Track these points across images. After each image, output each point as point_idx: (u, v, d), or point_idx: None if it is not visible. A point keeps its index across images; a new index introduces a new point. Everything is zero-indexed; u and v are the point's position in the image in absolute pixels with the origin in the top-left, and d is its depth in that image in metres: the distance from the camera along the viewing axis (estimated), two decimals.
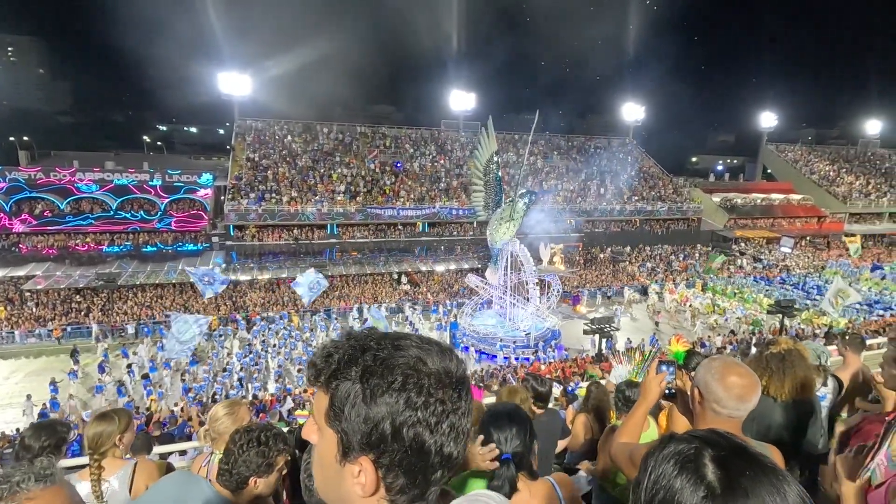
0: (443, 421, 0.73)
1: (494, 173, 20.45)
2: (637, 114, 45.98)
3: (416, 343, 0.77)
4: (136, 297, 24.21)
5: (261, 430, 1.92)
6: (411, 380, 0.71)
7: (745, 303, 26.29)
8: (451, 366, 0.77)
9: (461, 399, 0.76)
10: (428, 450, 0.72)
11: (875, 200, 43.24)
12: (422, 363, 0.74)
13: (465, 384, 0.79)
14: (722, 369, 1.55)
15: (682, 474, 0.70)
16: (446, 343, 0.82)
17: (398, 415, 0.70)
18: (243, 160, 31.78)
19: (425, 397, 0.71)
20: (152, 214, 27.38)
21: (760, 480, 0.67)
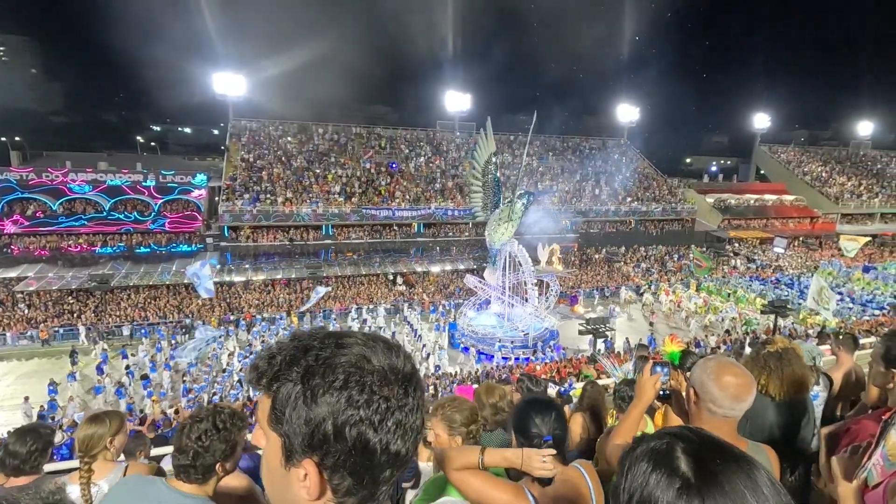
0: (387, 419, 0.71)
1: (493, 174, 20.51)
2: (632, 115, 46.18)
3: (360, 341, 0.76)
4: (130, 298, 24.05)
5: (213, 414, 1.86)
6: (353, 378, 0.70)
7: (739, 303, 26.47)
8: (398, 362, 0.76)
9: (408, 396, 0.75)
10: (373, 448, 0.70)
11: (867, 201, 43.63)
12: (365, 361, 0.73)
13: (414, 380, 0.77)
14: (717, 369, 1.55)
15: (656, 469, 0.71)
16: (394, 340, 0.81)
17: (340, 414, 0.68)
18: (238, 161, 31.66)
19: (368, 395, 0.70)
20: (146, 215, 27.20)
21: (732, 468, 0.68)
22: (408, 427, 0.74)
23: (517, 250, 20.18)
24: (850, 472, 1.42)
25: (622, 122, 46.40)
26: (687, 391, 1.68)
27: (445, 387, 16.50)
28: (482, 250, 31.64)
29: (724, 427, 1.52)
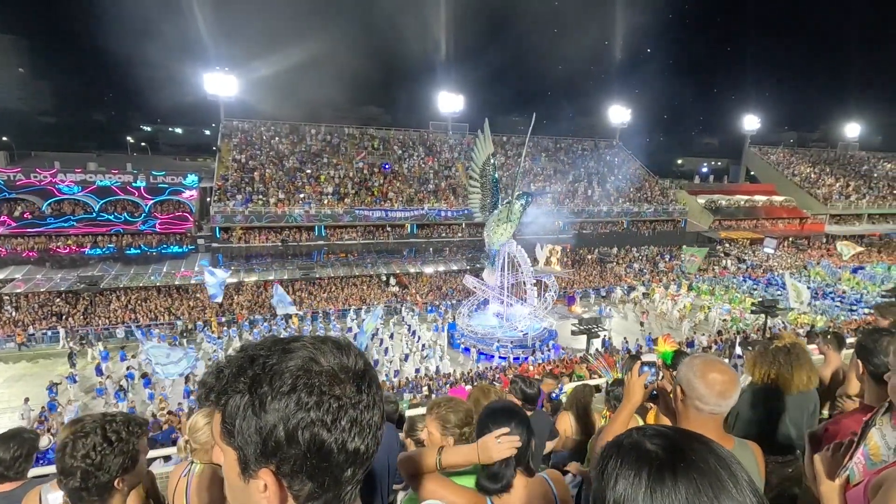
0: (341, 417, 0.70)
1: (491, 175, 20.57)
2: (623, 116, 46.48)
3: (308, 343, 0.75)
4: (120, 300, 23.82)
5: (102, 425, 1.66)
6: (301, 381, 0.69)
7: (732, 302, 26.73)
8: (349, 361, 0.76)
9: (361, 393, 0.74)
10: (329, 449, 0.69)
11: (855, 202, 44.19)
12: (313, 363, 0.72)
13: (367, 377, 0.77)
14: (703, 367, 1.57)
15: (625, 461, 0.71)
16: (345, 339, 0.81)
17: (290, 418, 0.67)
18: (229, 161, 31.47)
19: (317, 396, 0.69)
20: (136, 216, 26.95)
21: (701, 448, 0.70)
22: (364, 424, 0.73)
23: (516, 251, 20.31)
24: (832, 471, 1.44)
25: (614, 123, 46.69)
26: (674, 389, 1.70)
27: (438, 388, 16.52)
28: (475, 251, 31.73)
29: (711, 424, 1.54)
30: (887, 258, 37.71)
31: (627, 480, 0.68)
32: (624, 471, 0.70)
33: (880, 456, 1.30)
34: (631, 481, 0.68)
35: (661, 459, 0.68)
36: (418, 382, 17.31)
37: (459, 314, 22.76)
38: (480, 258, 30.68)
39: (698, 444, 0.72)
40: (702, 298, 27.78)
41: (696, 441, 0.73)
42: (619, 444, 0.75)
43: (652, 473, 0.67)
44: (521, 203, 19.73)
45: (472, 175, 21.58)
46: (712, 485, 0.65)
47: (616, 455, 0.73)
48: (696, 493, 0.64)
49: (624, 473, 0.69)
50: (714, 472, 0.66)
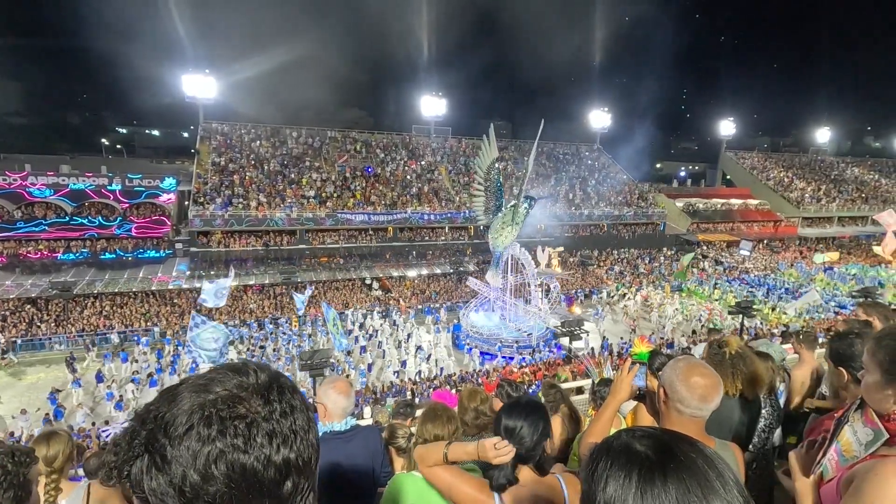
0: (254, 435, 0.66)
1: (495, 179, 20.96)
2: (604, 121, 47.17)
3: (195, 380, 0.72)
4: (94, 306, 23.16)
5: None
6: (196, 416, 0.65)
7: (718, 303, 27.32)
8: (248, 379, 0.72)
9: (271, 403, 0.71)
10: (254, 469, 0.65)
11: (825, 205, 45.59)
12: (206, 394, 0.68)
13: (273, 387, 0.73)
14: (686, 370, 1.59)
15: (615, 463, 0.72)
16: (245, 361, 0.78)
17: (197, 458, 0.63)
18: (209, 164, 30.95)
19: (219, 424, 0.65)
20: (111, 220, 26.28)
21: (689, 449, 0.71)
22: (285, 432, 0.69)
23: (520, 253, 20.88)
24: (807, 468, 1.47)
25: (595, 128, 47.34)
26: (657, 391, 1.72)
27: (422, 391, 16.46)
28: (459, 254, 31.78)
29: (692, 427, 1.56)
30: (856, 259, 38.97)
31: (618, 482, 0.69)
32: (614, 472, 0.70)
33: (852, 452, 1.34)
34: (621, 483, 0.69)
35: (651, 460, 0.69)
36: (402, 387, 17.22)
37: (464, 315, 23.07)
38: (464, 261, 30.77)
39: (686, 445, 0.73)
40: (690, 299, 28.37)
41: (684, 442, 0.74)
42: (608, 445, 0.76)
43: (642, 474, 0.68)
44: (526, 206, 20.21)
45: (476, 179, 21.93)
46: (701, 485, 0.66)
47: (606, 457, 0.73)
48: (685, 493, 0.65)
49: (614, 475, 0.70)
50: (703, 473, 0.67)
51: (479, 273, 30.29)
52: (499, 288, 22.48)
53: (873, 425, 1.28)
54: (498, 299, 22.93)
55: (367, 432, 2.61)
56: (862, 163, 57.40)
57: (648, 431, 0.77)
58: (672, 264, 35.87)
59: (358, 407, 13.44)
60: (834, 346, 2.14)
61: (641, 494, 0.66)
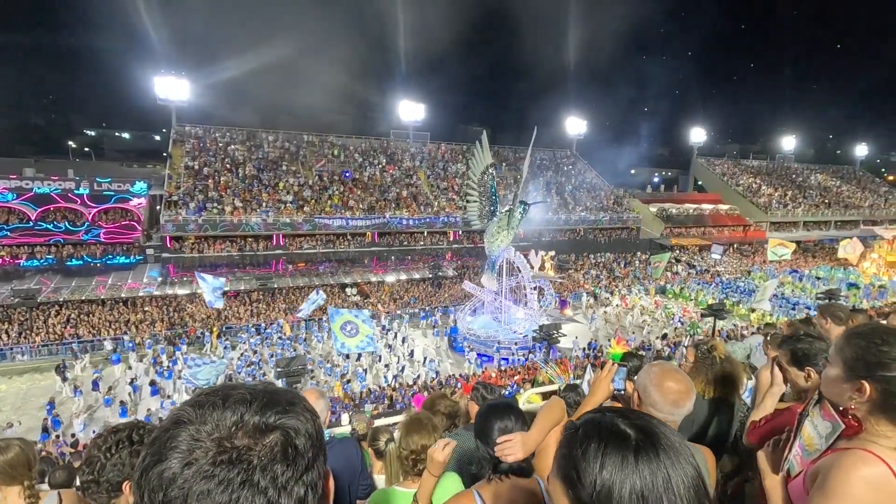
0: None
1: (490, 185, 21.28)
2: (580, 128, 47.96)
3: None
4: (59, 314, 22.30)
5: (131, 428, 1.73)
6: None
7: (698, 305, 27.98)
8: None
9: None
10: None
11: (791, 210, 47.26)
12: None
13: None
14: (660, 375, 1.63)
15: (609, 442, 0.76)
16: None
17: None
18: (181, 168, 30.26)
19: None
20: (78, 225, 25.42)
21: (657, 425, 0.79)
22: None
23: (515, 257, 21.30)
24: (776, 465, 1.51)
25: (571, 134, 48.09)
26: (632, 394, 1.75)
27: (401, 398, 16.36)
28: (438, 259, 31.77)
29: None
30: (821, 262, 40.46)
31: (615, 464, 0.73)
32: (610, 454, 0.74)
33: (814, 445, 1.38)
34: (620, 465, 0.73)
35: (639, 440, 0.75)
36: (381, 392, 17.08)
37: (460, 318, 23.33)
38: (442, 266, 30.76)
39: (657, 422, 0.80)
40: (671, 301, 29.05)
41: (653, 419, 0.81)
42: (597, 427, 0.79)
43: (639, 454, 0.73)
44: (520, 211, 20.58)
45: (470, 184, 22.17)
46: (679, 454, 0.74)
47: (598, 438, 0.77)
48: (672, 465, 0.73)
49: (610, 457, 0.74)
50: (678, 445, 0.76)
51: (458, 278, 30.40)
52: (494, 291, 22.97)
53: (830, 418, 1.33)
54: (492, 302, 23.41)
55: (343, 445, 2.58)
56: (825, 170, 59.75)
57: (621, 411, 0.83)
58: (647, 268, 36.61)
59: (335, 414, 13.27)
60: (795, 348, 2.18)
61: (639, 472, 0.72)
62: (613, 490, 0.72)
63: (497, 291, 22.98)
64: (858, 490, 1.15)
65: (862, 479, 1.16)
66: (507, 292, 23.14)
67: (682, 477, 0.72)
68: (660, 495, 0.70)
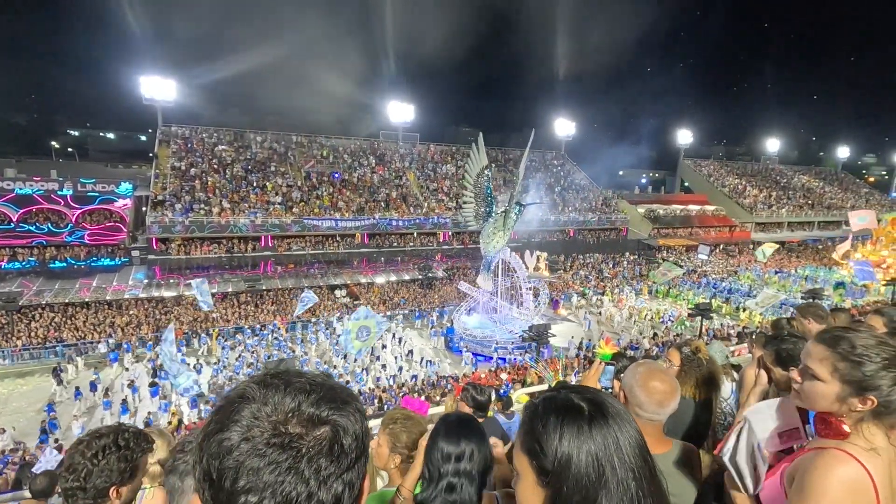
0: None
1: (485, 186, 21.44)
2: (568, 129, 48.24)
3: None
4: (43, 317, 21.87)
5: (116, 432, 1.72)
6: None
7: (689, 304, 28.27)
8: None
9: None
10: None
11: (776, 211, 48.00)
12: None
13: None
14: (645, 375, 1.64)
15: (566, 416, 0.86)
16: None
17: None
18: (168, 169, 29.88)
19: None
20: (61, 227, 24.96)
21: (606, 399, 0.91)
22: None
23: (510, 257, 21.54)
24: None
25: (560, 136, 48.35)
26: (619, 393, 1.76)
27: (391, 398, 16.31)
28: (427, 260, 31.73)
29: (649, 429, 1.60)
30: (805, 262, 41.14)
31: (572, 434, 0.84)
32: (567, 425, 0.85)
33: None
34: (576, 434, 0.84)
35: (591, 411, 0.86)
36: (370, 394, 17.00)
37: (457, 318, 23.46)
38: (432, 268, 30.73)
39: (604, 394, 0.93)
40: (660, 300, 29.33)
41: (600, 392, 0.95)
42: (553, 403, 0.90)
43: (592, 423, 0.85)
44: (515, 212, 20.84)
45: (466, 186, 22.29)
46: (624, 420, 0.87)
47: (555, 413, 0.88)
48: (620, 429, 0.85)
49: (568, 428, 0.85)
50: (623, 413, 0.89)
51: (448, 279, 30.41)
52: (489, 291, 23.17)
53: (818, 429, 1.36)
54: (488, 302, 23.59)
55: None
56: (808, 171, 60.81)
57: (574, 387, 0.95)
58: (635, 268, 36.94)
59: None
60: (779, 349, 2.20)
61: (593, 438, 0.83)
62: (572, 456, 0.82)
63: (493, 292, 23.19)
64: (835, 490, 1.16)
65: (838, 479, 1.17)
66: (503, 293, 23.31)
67: (627, 439, 0.85)
68: (611, 456, 0.82)
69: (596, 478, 0.81)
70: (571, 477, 0.82)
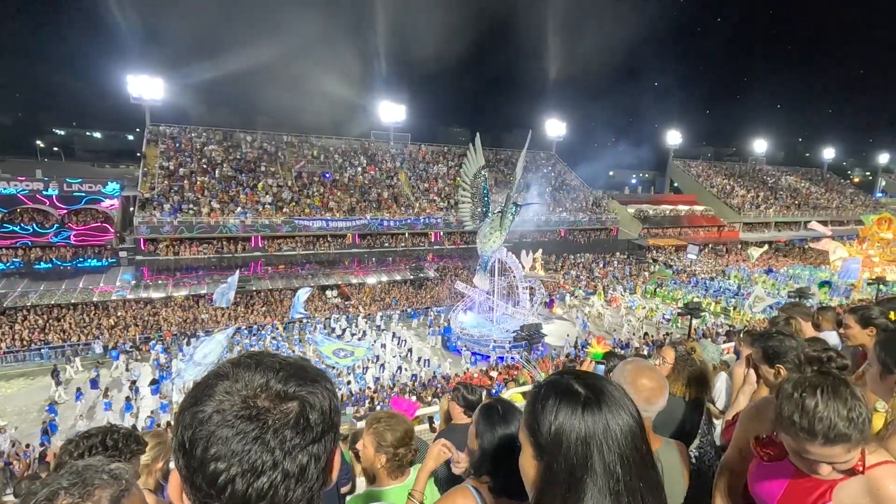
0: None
1: (482, 186, 21.57)
2: (559, 130, 48.44)
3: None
4: (27, 319, 21.51)
5: (105, 433, 1.70)
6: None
7: (683, 302, 28.54)
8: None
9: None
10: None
11: (763, 211, 48.60)
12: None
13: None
14: (633, 372, 1.65)
15: (562, 398, 0.93)
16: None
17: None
18: (156, 169, 29.54)
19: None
20: (47, 227, 24.58)
21: (605, 384, 0.97)
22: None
23: (507, 257, 21.62)
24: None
25: (551, 136, 48.51)
26: None
27: (383, 399, 16.27)
28: (418, 260, 31.70)
29: None
30: (791, 261, 41.70)
31: (565, 415, 0.91)
32: (562, 407, 0.92)
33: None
34: (569, 415, 0.91)
35: (587, 396, 0.93)
36: (361, 395, 16.95)
37: (453, 317, 23.53)
38: (424, 268, 30.71)
39: (606, 382, 0.99)
40: (650, 300, 29.55)
41: (604, 380, 1.00)
42: (554, 385, 0.98)
43: (585, 407, 0.91)
44: (512, 212, 20.96)
45: (463, 186, 22.39)
46: (620, 408, 0.93)
47: (554, 394, 0.95)
48: (613, 416, 0.91)
49: (562, 410, 0.92)
50: (620, 401, 0.94)
51: (439, 279, 30.40)
52: (486, 291, 23.29)
53: None
54: (484, 301, 23.70)
55: None
56: (795, 172, 61.66)
57: (577, 373, 1.01)
58: (625, 268, 37.20)
59: None
60: (766, 346, 2.24)
61: (584, 421, 0.90)
62: (562, 435, 0.90)
63: (489, 291, 23.33)
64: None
65: None
66: (499, 292, 23.44)
67: (619, 425, 0.90)
68: (599, 439, 0.89)
69: (582, 458, 0.89)
70: (561, 454, 0.90)
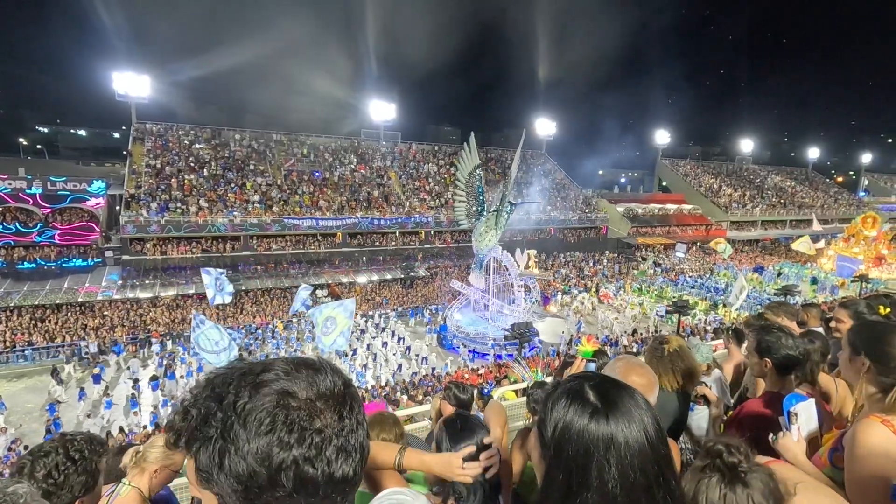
0: (325, 449, 0.67)
1: (477, 185, 21.72)
2: (549, 129, 48.62)
3: (281, 374, 0.71)
4: (10, 320, 21.12)
5: (64, 444, 1.62)
6: (279, 420, 0.65)
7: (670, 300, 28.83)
8: (326, 385, 0.73)
9: (343, 419, 0.71)
10: (315, 482, 0.66)
11: (750, 210, 49.24)
12: (289, 397, 0.68)
13: (347, 400, 0.74)
14: (624, 369, 1.65)
15: (573, 403, 0.93)
16: (321, 360, 0.78)
17: (271, 461, 0.63)
18: (143, 167, 29.15)
19: (298, 433, 0.65)
20: (30, 227, 24.15)
21: (622, 395, 0.94)
22: (350, 449, 0.70)
23: (502, 255, 21.71)
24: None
25: (540, 135, 48.68)
26: None
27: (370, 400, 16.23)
28: (408, 260, 31.64)
29: None
30: (777, 259, 42.30)
31: (571, 421, 0.91)
32: (569, 413, 0.92)
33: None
34: (575, 422, 0.90)
35: (596, 406, 0.91)
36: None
37: (449, 315, 23.64)
38: (415, 267, 30.66)
39: (623, 394, 0.95)
40: (643, 297, 29.82)
41: (623, 388, 0.97)
42: (568, 389, 0.97)
43: (592, 417, 0.90)
44: (507, 211, 21.14)
45: (457, 185, 22.51)
46: (631, 422, 0.90)
47: (566, 398, 0.94)
48: (621, 429, 0.89)
49: (569, 415, 0.91)
50: (632, 414, 0.91)
51: (430, 278, 30.39)
52: (481, 289, 23.40)
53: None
54: (480, 299, 23.80)
55: None
56: (780, 171, 62.55)
57: (597, 382, 0.98)
58: (615, 266, 37.46)
59: None
60: (761, 339, 2.31)
61: (588, 431, 0.89)
62: (564, 441, 0.90)
63: (485, 289, 23.45)
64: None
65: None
66: (494, 290, 23.58)
67: (626, 439, 0.88)
68: (602, 452, 0.87)
69: (581, 469, 0.87)
70: (562, 459, 0.90)
